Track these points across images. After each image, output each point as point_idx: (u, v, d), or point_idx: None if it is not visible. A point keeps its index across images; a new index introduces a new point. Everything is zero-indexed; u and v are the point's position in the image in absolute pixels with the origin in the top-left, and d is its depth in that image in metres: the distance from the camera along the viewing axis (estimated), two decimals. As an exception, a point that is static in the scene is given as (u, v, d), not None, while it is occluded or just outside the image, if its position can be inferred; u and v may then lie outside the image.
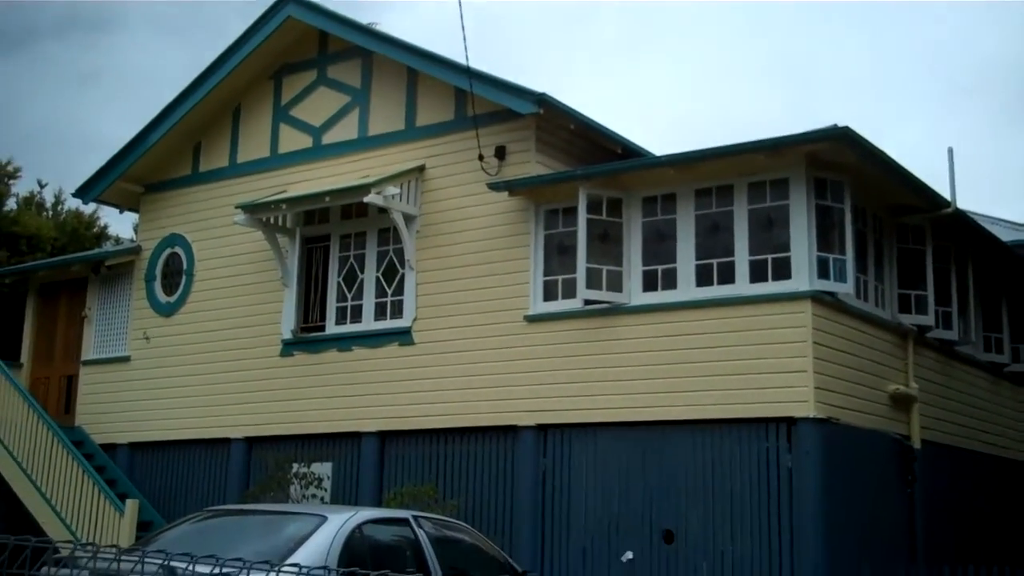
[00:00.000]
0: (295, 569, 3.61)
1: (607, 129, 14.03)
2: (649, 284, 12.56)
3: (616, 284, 12.64)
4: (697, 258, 12.31)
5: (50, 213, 22.18)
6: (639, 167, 12.92)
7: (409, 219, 14.22)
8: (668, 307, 12.29)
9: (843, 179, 12.02)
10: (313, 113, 15.88)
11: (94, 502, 14.55)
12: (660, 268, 12.52)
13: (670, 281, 12.43)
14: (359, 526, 7.83)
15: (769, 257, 11.90)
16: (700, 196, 12.45)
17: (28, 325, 18.64)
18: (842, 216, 11.97)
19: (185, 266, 16.68)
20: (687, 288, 12.29)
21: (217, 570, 3.39)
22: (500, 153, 13.84)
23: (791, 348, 11.39)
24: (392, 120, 15.04)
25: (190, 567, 3.62)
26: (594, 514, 12.41)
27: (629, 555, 12.02)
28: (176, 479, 16.11)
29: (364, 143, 15.21)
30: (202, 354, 16.03)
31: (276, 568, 3.83)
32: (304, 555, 7.08)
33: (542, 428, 12.88)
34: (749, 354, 11.61)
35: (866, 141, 11.71)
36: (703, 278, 12.23)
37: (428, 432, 13.73)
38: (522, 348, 13.11)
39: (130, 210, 18.31)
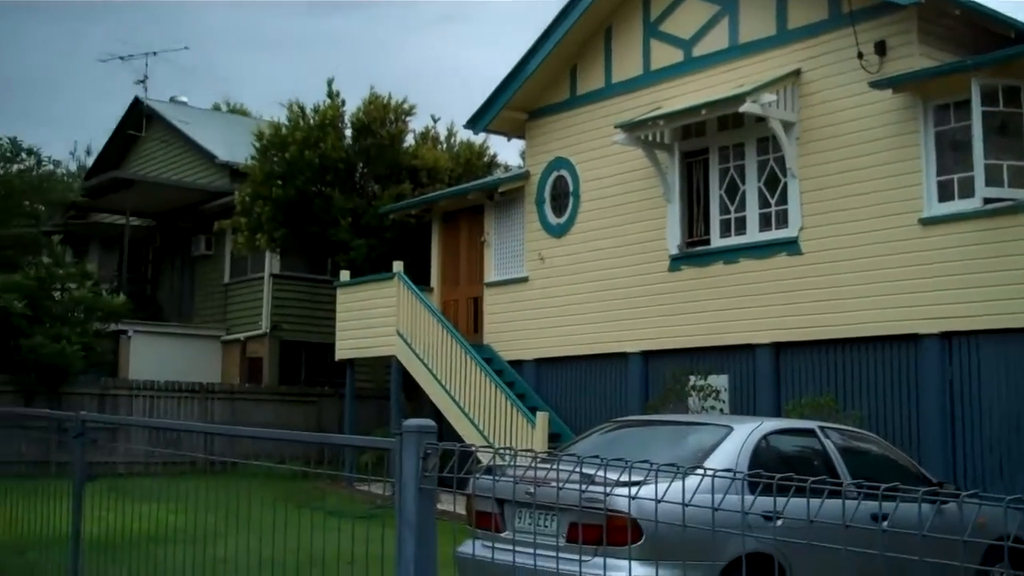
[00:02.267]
0: (729, 474, 3.69)
1: (997, 12, 13.06)
2: (1058, 177, 11.74)
3: (1019, 180, 11.91)
4: (1113, 145, 11.34)
5: (444, 146, 23.76)
6: (1039, 50, 11.99)
7: (787, 126, 14.05)
8: (1081, 200, 11.44)
9: None
10: (682, 26, 15.93)
11: (507, 415, 15.71)
12: (1070, 159, 11.66)
13: (1082, 172, 11.55)
14: (765, 436, 7.84)
15: None
16: (1114, 76, 11.41)
17: (435, 252, 20.25)
18: None
19: (571, 188, 17.43)
20: (1102, 179, 11.37)
21: (649, 473, 3.54)
22: (880, 49, 13.31)
23: None
24: (763, 25, 14.81)
25: (624, 476, 3.63)
26: (1009, 423, 11.91)
27: (1050, 464, 11.49)
28: (579, 392, 17.07)
29: (735, 52, 15.11)
30: (594, 272, 16.77)
31: (710, 473, 3.88)
32: (713, 464, 7.06)
33: (946, 336, 12.47)
34: None
35: None
36: (1121, 167, 11.26)
37: (823, 343, 13.67)
38: (918, 253, 12.70)
39: (516, 137, 19.34)
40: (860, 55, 13.32)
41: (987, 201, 12.08)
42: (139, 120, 29.57)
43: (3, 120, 61.63)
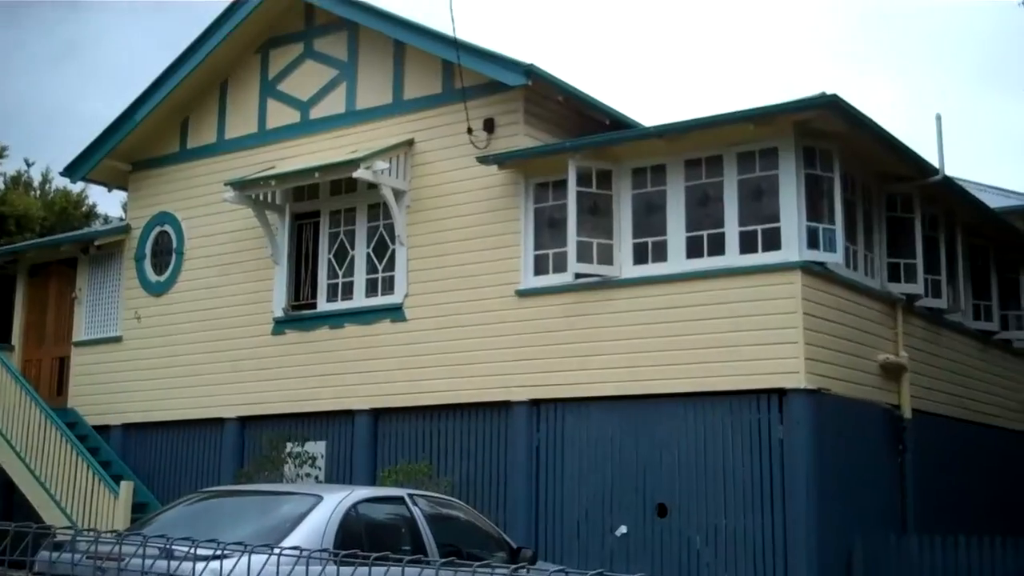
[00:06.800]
0: (295, 552, 3.53)
1: (595, 100, 13.94)
2: (640, 257, 12.53)
3: (607, 257, 12.61)
4: (687, 230, 12.28)
5: (38, 192, 22.05)
6: (628, 138, 12.86)
7: (399, 194, 14.16)
8: (659, 280, 12.27)
9: (832, 148, 11.97)
10: (300, 87, 15.77)
11: (89, 485, 14.57)
12: (651, 240, 12.50)
13: (661, 253, 12.40)
14: (354, 505, 7.82)
15: (759, 228, 11.87)
16: (690, 167, 12.40)
17: (18, 307, 18.58)
18: (831, 185, 11.93)
19: (175, 244, 16.60)
20: (678, 260, 12.26)
21: (219, 552, 3.29)
22: (489, 126, 13.76)
23: (781, 319, 11.38)
24: (380, 94, 14.93)
25: (191, 551, 3.51)
26: (588, 488, 12.43)
27: (623, 529, 12.06)
28: (170, 460, 16.11)
29: (352, 117, 15.12)
30: (194, 333, 15.99)
31: (276, 551, 3.74)
32: (300, 535, 6.98)
33: (535, 403, 12.88)
34: (740, 326, 11.60)
35: (854, 109, 11.67)
36: (693, 250, 12.20)
37: (421, 409, 13.73)
38: (514, 323, 13.10)
39: (118, 188, 18.24)
40: (470, 130, 13.70)
41: (578, 276, 12.70)
42: None
43: None
